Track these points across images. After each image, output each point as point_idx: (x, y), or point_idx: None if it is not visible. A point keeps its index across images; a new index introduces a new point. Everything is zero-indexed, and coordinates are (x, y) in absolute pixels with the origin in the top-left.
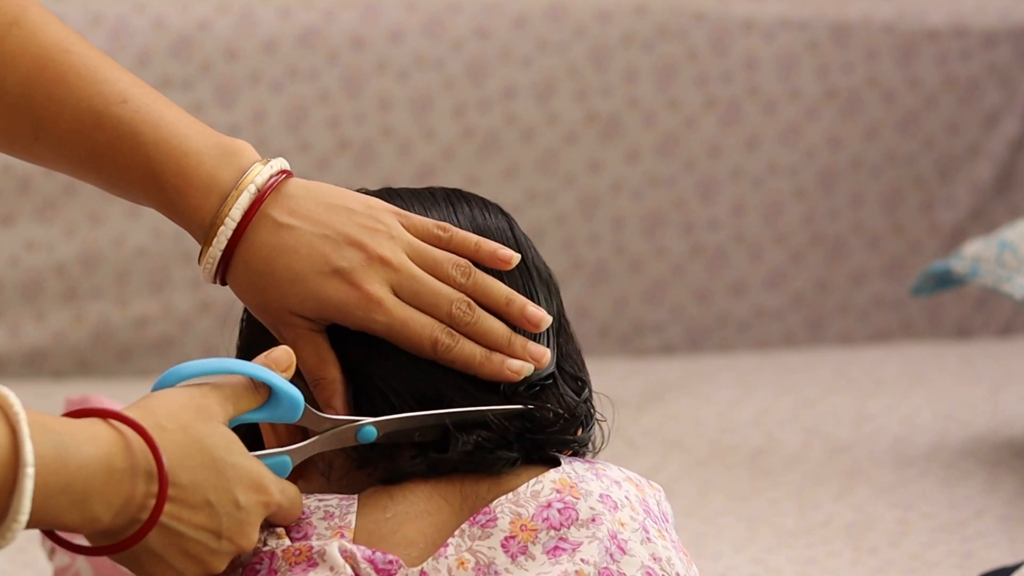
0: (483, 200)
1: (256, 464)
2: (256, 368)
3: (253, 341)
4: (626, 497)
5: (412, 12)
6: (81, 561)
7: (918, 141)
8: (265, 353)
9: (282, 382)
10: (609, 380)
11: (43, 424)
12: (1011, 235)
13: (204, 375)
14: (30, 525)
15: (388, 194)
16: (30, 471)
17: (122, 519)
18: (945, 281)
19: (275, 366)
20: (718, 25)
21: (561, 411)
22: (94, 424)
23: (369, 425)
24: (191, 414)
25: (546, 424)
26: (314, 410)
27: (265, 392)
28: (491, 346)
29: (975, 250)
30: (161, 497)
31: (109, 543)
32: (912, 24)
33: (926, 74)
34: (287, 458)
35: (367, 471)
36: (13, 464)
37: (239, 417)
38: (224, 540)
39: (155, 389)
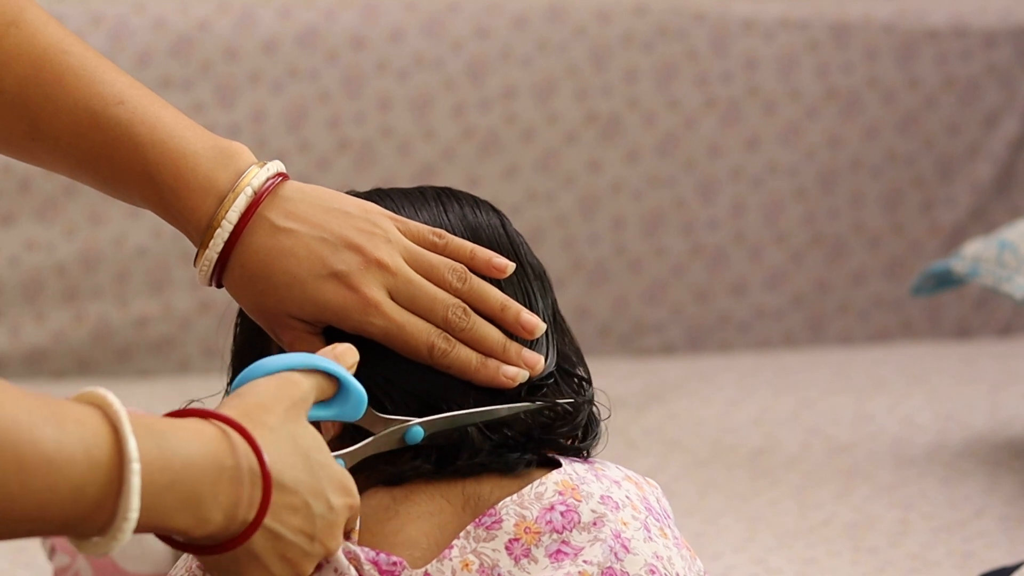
0: (474, 198)
1: (339, 466)
2: (331, 363)
3: (248, 345)
4: (627, 496)
5: (412, 12)
6: (81, 561)
7: (918, 141)
8: (331, 347)
9: (352, 378)
10: (609, 380)
11: (143, 422)
12: (1011, 235)
13: (285, 370)
14: (140, 528)
15: (378, 195)
16: (135, 467)
17: (230, 521)
18: (945, 281)
19: (342, 360)
20: (718, 25)
21: (571, 409)
22: (196, 423)
23: (417, 426)
24: (283, 412)
25: (560, 421)
26: (373, 410)
27: (335, 387)
28: (486, 352)
29: (975, 250)
30: (266, 497)
31: (212, 545)
32: (912, 24)
33: (926, 74)
34: (342, 461)
35: (364, 474)
36: (118, 462)
37: (310, 413)
38: (316, 543)
39: (238, 384)
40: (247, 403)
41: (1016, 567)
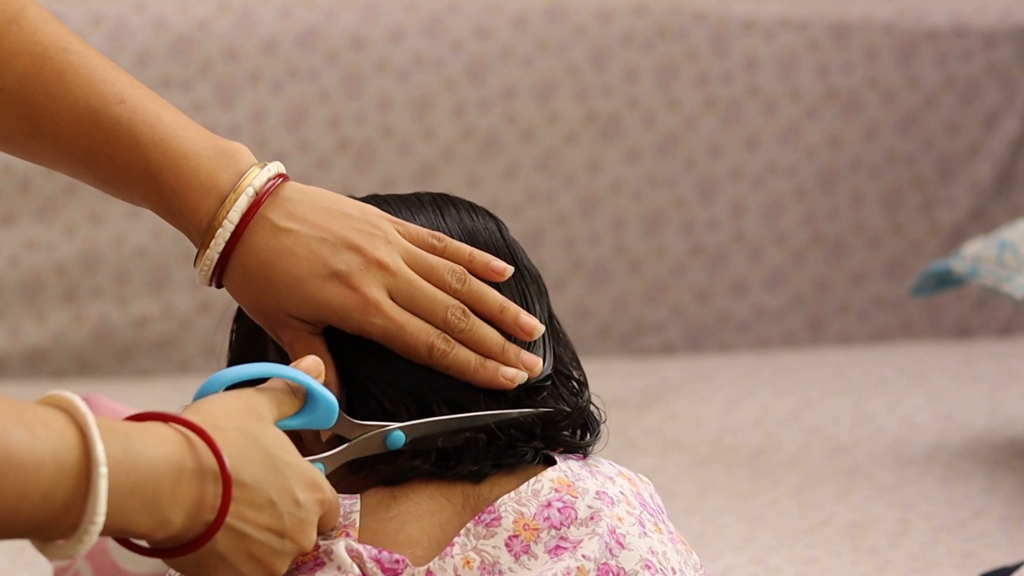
0: (470, 204)
1: (308, 463)
2: (295, 372)
3: (244, 349)
4: (621, 492)
5: (412, 12)
6: (81, 561)
7: (918, 141)
8: (296, 361)
9: (319, 387)
10: (609, 380)
11: (109, 426)
12: (1011, 235)
13: (246, 379)
14: (105, 530)
15: (375, 200)
16: (103, 471)
17: (192, 522)
18: (945, 281)
19: (308, 372)
20: (718, 25)
21: (569, 410)
22: (157, 426)
23: (397, 430)
24: (245, 415)
25: (559, 423)
26: (347, 416)
27: (302, 397)
28: (485, 353)
29: (975, 250)
30: (226, 495)
31: (175, 547)
32: (912, 24)
33: (926, 74)
34: (321, 465)
35: (362, 475)
36: (85, 465)
37: (278, 423)
38: (287, 540)
39: (198, 396)
40: (205, 408)
41: (1016, 567)
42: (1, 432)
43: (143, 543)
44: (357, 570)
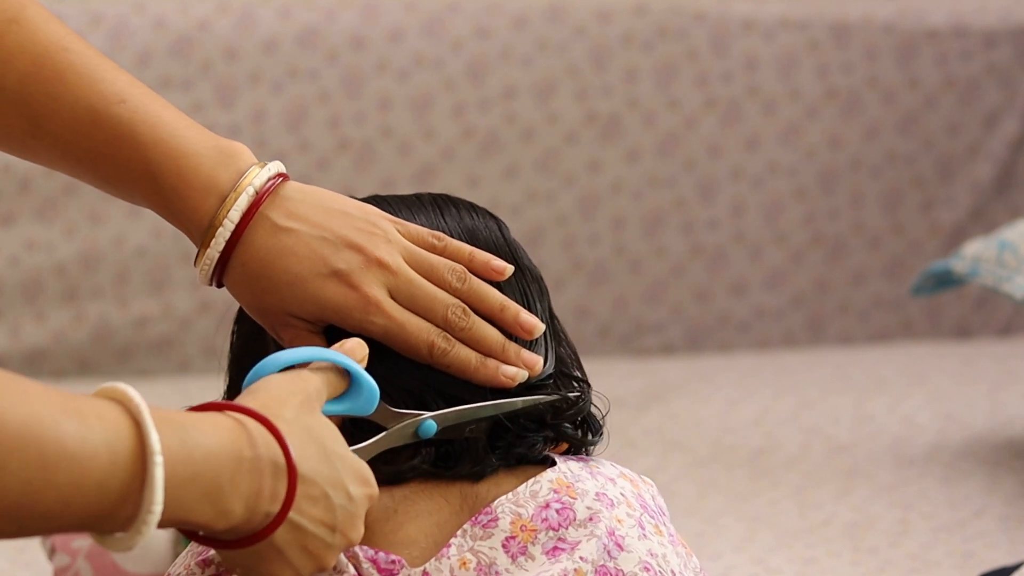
0: (471, 204)
1: (356, 457)
2: (341, 356)
3: (245, 350)
4: (621, 494)
5: (412, 12)
6: (81, 561)
7: (918, 141)
8: (340, 343)
9: (363, 371)
10: (609, 380)
11: (164, 416)
12: (1011, 235)
13: (297, 363)
14: (163, 523)
15: (375, 200)
16: (159, 459)
17: (251, 512)
18: (945, 281)
19: (352, 355)
20: (718, 25)
21: (578, 399)
22: (213, 416)
23: (430, 419)
24: (298, 405)
25: (567, 411)
26: (387, 404)
27: (346, 382)
28: (485, 351)
29: (975, 250)
30: (291, 488)
31: (236, 539)
32: (912, 24)
33: (926, 74)
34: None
35: None
36: (140, 455)
37: (323, 408)
38: (338, 534)
39: (250, 380)
40: (262, 398)
41: (1016, 567)
42: (52, 423)
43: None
44: (353, 570)
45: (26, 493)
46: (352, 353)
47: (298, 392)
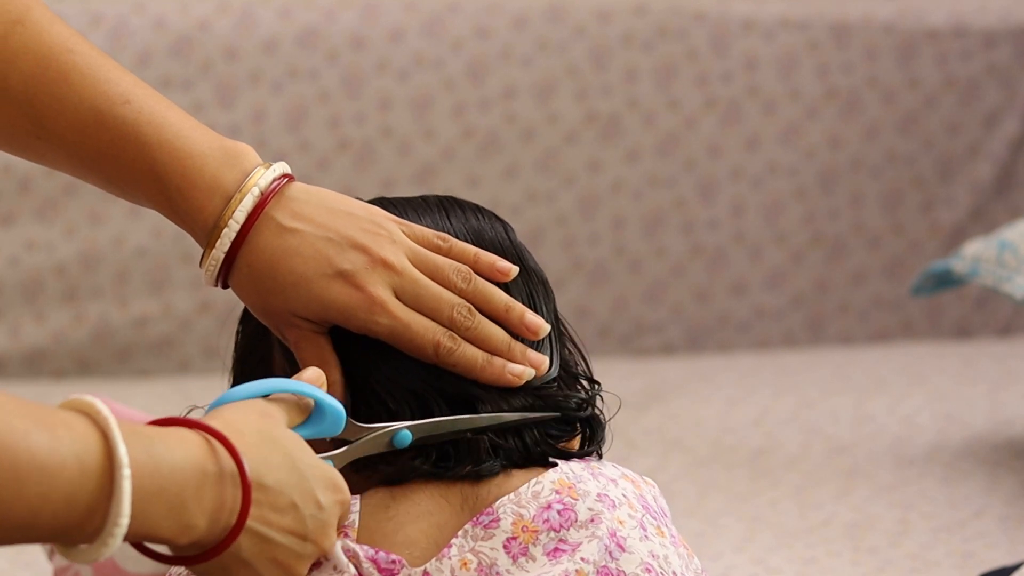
0: (477, 206)
1: (327, 464)
2: (300, 385)
3: (249, 351)
4: (623, 495)
5: (412, 12)
6: None
7: (918, 141)
8: (299, 374)
9: (325, 397)
10: (609, 380)
11: (131, 430)
12: (1011, 235)
13: (255, 396)
14: (129, 535)
15: (381, 202)
16: (126, 472)
17: (214, 526)
18: (945, 281)
19: (311, 383)
20: (718, 25)
21: (577, 409)
22: (179, 431)
23: (404, 430)
24: (258, 418)
25: (565, 425)
26: (354, 421)
27: (308, 409)
28: (491, 351)
29: (975, 250)
30: (246, 498)
31: (198, 553)
32: (912, 24)
33: (926, 74)
34: (331, 462)
35: (365, 475)
36: (108, 468)
37: None
38: (309, 543)
39: (209, 410)
40: (223, 416)
41: (1016, 567)
42: (23, 434)
43: (163, 550)
44: (353, 570)
45: None
46: (312, 382)
47: (255, 411)
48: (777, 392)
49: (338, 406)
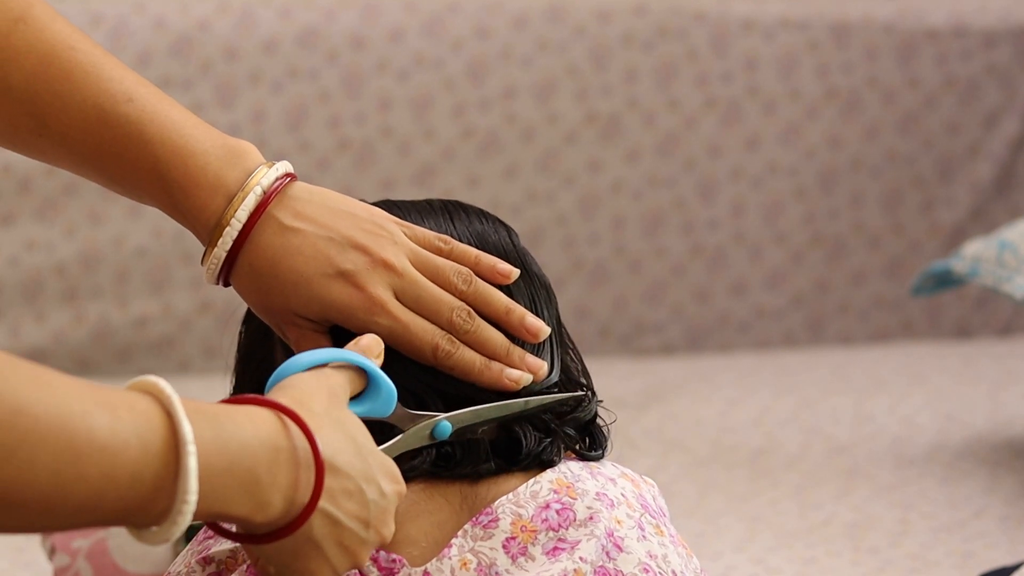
0: (481, 211)
1: (384, 454)
2: (361, 357)
3: (252, 350)
4: (622, 494)
5: (412, 12)
6: (81, 561)
7: (918, 141)
8: (355, 340)
9: (381, 372)
10: (609, 380)
11: (197, 407)
12: (1011, 235)
13: (318, 364)
14: (200, 515)
15: (385, 205)
16: (191, 448)
17: (290, 504)
18: (945, 281)
19: (368, 353)
20: (718, 25)
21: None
22: (249, 408)
23: (444, 421)
24: (326, 400)
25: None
26: (403, 406)
27: (365, 381)
28: (489, 355)
29: (975, 250)
30: (319, 476)
31: (271, 532)
32: (912, 24)
33: (926, 74)
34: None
35: None
36: (173, 446)
37: None
38: (371, 529)
39: (273, 382)
40: (291, 393)
41: (1016, 567)
42: (82, 414)
43: (232, 528)
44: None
45: (56, 485)
46: (368, 350)
47: (324, 388)
48: (777, 392)
49: (392, 385)
